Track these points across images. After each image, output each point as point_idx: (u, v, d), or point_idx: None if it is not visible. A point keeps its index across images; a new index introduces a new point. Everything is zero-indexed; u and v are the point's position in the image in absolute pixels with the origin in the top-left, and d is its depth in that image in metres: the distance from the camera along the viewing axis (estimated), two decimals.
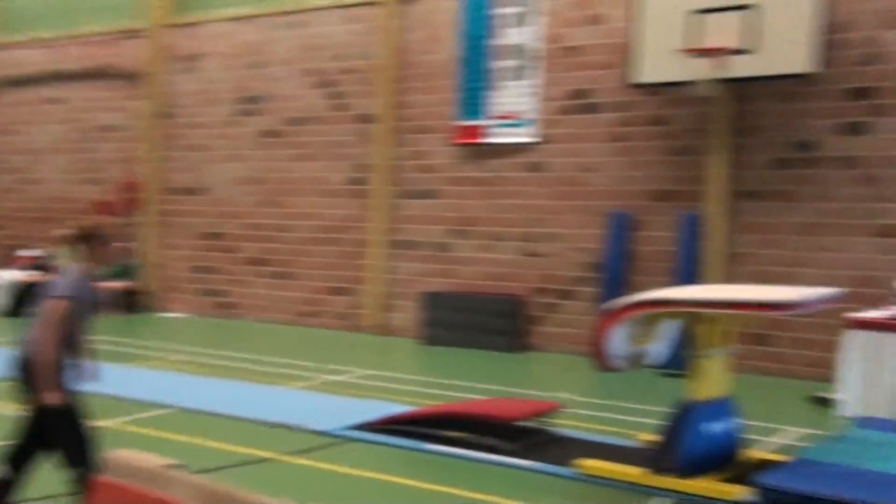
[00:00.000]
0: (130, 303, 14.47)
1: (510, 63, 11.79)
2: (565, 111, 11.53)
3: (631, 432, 7.12)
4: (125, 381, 8.16)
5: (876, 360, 7.80)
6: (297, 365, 10.30)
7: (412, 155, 12.73)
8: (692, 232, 10.55)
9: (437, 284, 12.47)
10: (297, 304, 13.77)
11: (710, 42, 9.71)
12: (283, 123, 13.86)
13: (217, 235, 14.52)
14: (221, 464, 6.00)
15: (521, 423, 6.88)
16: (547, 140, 11.66)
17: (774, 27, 9.46)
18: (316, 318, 13.57)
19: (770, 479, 4.83)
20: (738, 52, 9.61)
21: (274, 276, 13.99)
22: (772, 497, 4.73)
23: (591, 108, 11.34)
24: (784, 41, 9.44)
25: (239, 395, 8.40)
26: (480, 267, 12.20)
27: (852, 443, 5.71)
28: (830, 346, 9.11)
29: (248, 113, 14.17)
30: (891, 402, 7.75)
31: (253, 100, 14.11)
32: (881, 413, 7.67)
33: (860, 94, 9.70)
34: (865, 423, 6.59)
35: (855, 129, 9.71)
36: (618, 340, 5.79)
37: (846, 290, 9.57)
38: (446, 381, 9.60)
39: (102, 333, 5.80)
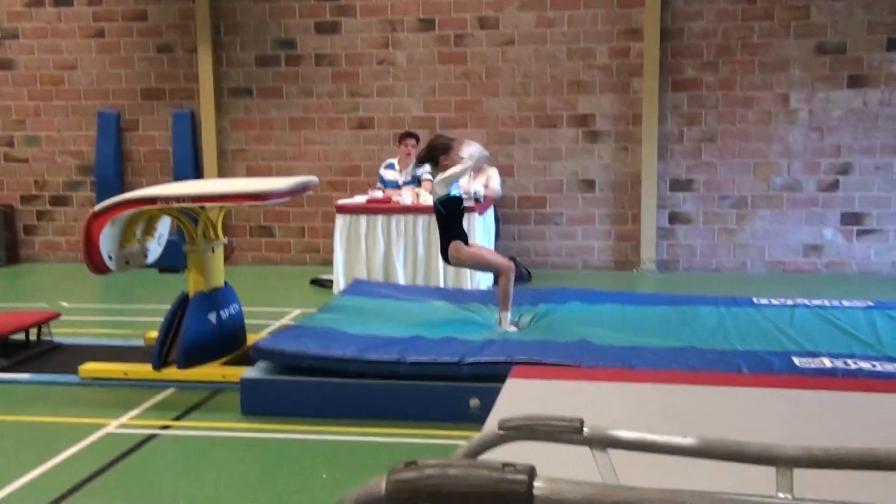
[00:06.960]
0: None
1: None
2: (33, 4, 10.71)
3: (135, 332, 7.19)
4: None
5: (355, 239, 8.71)
6: None
7: None
8: (186, 130, 10.61)
9: None
10: None
11: None
12: None
13: None
14: None
15: (17, 337, 6.59)
16: (15, 35, 10.77)
17: None
18: None
19: (262, 344, 5.37)
20: None
21: None
22: (265, 358, 5.28)
23: (63, 2, 10.66)
24: None
25: None
26: None
27: (336, 311, 6.41)
28: (327, 232, 9.97)
29: None
30: (367, 274, 8.77)
31: None
32: None
33: None
34: (349, 290, 7.35)
35: (327, 28, 10.42)
36: (108, 242, 5.77)
37: (335, 178, 10.55)
38: None
39: None
